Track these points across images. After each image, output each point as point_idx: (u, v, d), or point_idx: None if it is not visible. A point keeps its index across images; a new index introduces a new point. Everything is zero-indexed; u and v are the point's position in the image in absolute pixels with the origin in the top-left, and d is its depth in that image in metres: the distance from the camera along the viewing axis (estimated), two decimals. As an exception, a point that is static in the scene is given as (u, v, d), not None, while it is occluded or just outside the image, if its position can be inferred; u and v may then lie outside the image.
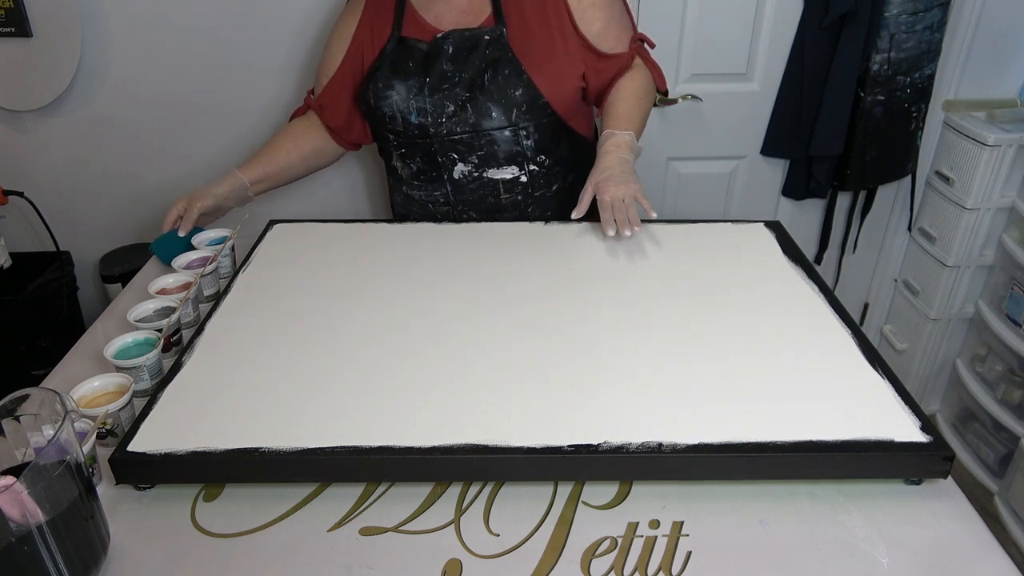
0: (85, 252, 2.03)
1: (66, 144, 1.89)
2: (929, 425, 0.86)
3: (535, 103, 1.32)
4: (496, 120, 1.32)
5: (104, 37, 1.77)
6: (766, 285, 1.15)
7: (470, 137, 1.33)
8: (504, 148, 1.35)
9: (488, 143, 1.34)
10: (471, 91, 1.31)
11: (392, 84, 1.33)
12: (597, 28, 1.32)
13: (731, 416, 0.87)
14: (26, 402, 0.76)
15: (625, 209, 1.20)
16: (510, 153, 1.35)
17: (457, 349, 1.00)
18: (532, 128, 1.34)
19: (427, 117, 1.32)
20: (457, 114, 1.32)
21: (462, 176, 1.37)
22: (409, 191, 1.45)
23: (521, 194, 1.40)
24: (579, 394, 0.91)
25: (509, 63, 1.29)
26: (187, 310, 1.16)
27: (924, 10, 1.75)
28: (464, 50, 1.30)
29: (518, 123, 1.33)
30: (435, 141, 1.34)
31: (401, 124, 1.35)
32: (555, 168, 1.41)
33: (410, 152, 1.39)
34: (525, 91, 1.30)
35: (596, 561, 0.78)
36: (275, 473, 0.85)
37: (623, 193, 1.21)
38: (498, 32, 1.29)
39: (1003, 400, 1.88)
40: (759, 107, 1.95)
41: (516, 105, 1.31)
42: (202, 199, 1.35)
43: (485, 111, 1.31)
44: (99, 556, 0.76)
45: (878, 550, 0.79)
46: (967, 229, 1.93)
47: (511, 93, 1.30)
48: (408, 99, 1.32)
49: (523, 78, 1.30)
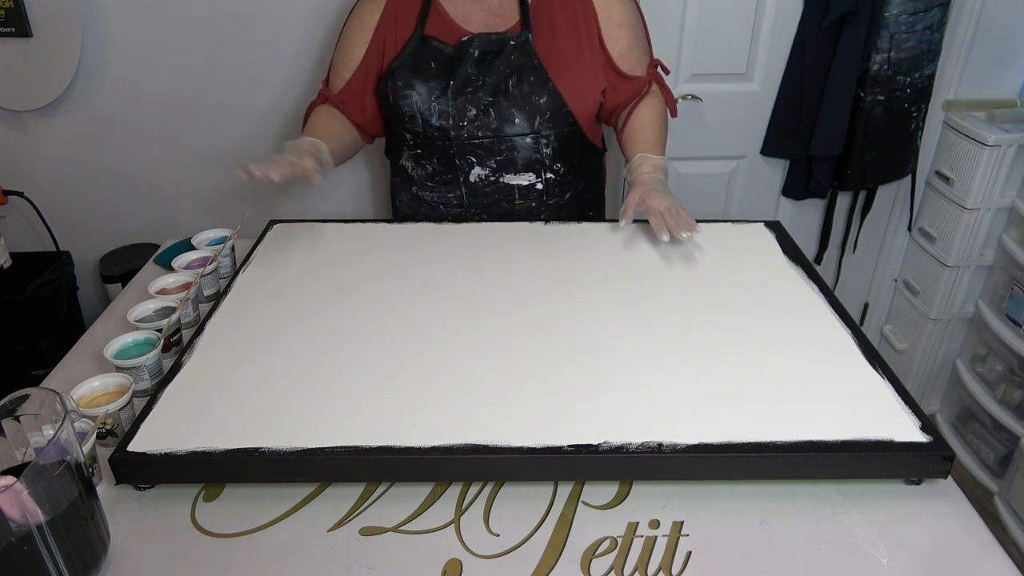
0: (85, 252, 2.03)
1: (66, 144, 1.89)
2: (929, 425, 0.86)
3: (559, 111, 1.32)
4: (519, 126, 1.32)
5: (104, 37, 1.77)
6: (766, 285, 1.15)
7: (491, 142, 1.33)
8: (523, 155, 1.35)
9: (508, 148, 1.34)
10: (494, 96, 1.30)
11: (412, 84, 1.31)
12: (621, 48, 1.33)
13: (731, 416, 0.87)
14: (26, 402, 0.76)
15: (676, 215, 1.22)
16: (529, 160, 1.35)
17: (457, 349, 1.00)
18: (553, 136, 1.34)
19: (448, 120, 1.31)
20: (479, 118, 1.31)
21: (478, 180, 1.37)
22: (420, 192, 1.43)
23: (535, 201, 1.40)
24: (579, 394, 0.91)
25: (535, 70, 1.29)
26: (187, 310, 1.16)
27: (924, 10, 1.75)
28: (489, 54, 1.29)
29: (540, 130, 1.33)
30: (455, 144, 1.33)
31: (421, 125, 1.33)
32: (569, 177, 1.41)
33: (427, 153, 1.38)
34: (550, 99, 1.30)
35: (596, 561, 0.78)
36: (275, 473, 0.85)
37: (669, 203, 1.24)
38: (524, 38, 1.28)
39: (1003, 400, 1.88)
40: (759, 107, 1.95)
41: (540, 112, 1.31)
42: (318, 153, 1.26)
43: (508, 117, 1.31)
44: (99, 556, 0.76)
45: (878, 550, 0.79)
46: (967, 229, 1.93)
47: (536, 100, 1.30)
48: (430, 100, 1.31)
49: (548, 86, 1.29)
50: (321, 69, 1.82)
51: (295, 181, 1.18)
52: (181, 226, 1.95)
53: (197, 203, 1.99)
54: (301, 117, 1.87)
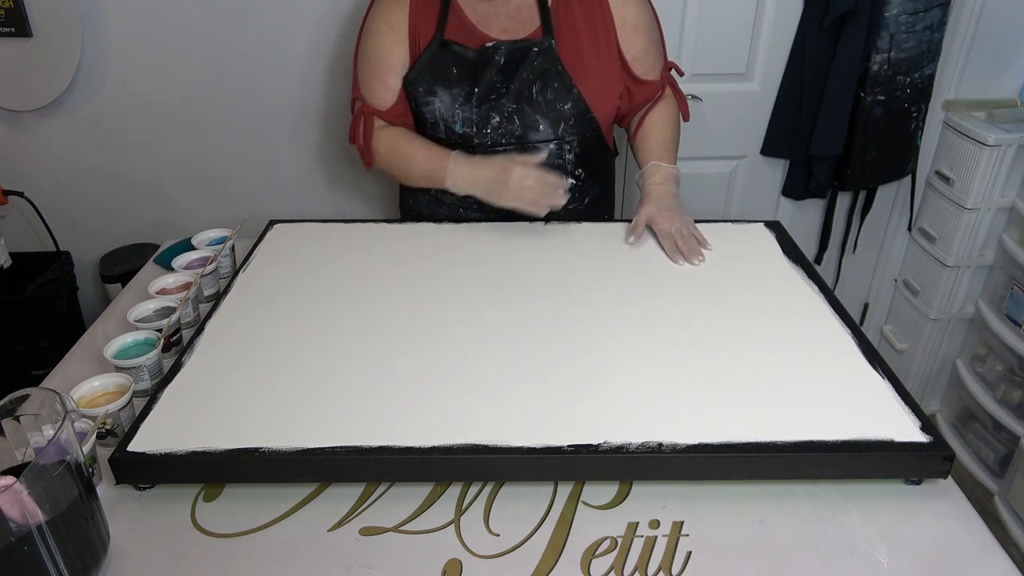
0: (85, 252, 2.03)
1: (66, 144, 1.89)
2: (929, 425, 0.86)
3: (583, 117, 1.31)
4: (543, 133, 1.31)
5: (104, 37, 1.77)
6: (766, 285, 1.15)
7: (514, 148, 1.32)
8: (546, 161, 1.33)
9: (531, 154, 1.32)
10: (518, 103, 1.28)
11: (435, 90, 1.29)
12: (636, 51, 1.32)
13: (731, 416, 0.87)
14: (26, 402, 0.76)
15: (686, 239, 1.24)
16: (552, 166, 1.34)
17: (457, 349, 1.00)
18: (576, 142, 1.34)
19: (472, 127, 1.29)
20: (503, 125, 1.30)
21: None
22: (439, 194, 1.40)
23: None
24: (579, 394, 0.91)
25: (559, 76, 1.27)
26: (187, 310, 1.16)
27: (924, 10, 1.75)
28: (514, 61, 1.27)
29: (564, 136, 1.32)
30: (478, 150, 1.32)
31: (444, 131, 1.32)
32: (588, 181, 1.41)
33: None
34: (574, 105, 1.29)
35: (596, 561, 0.78)
36: (275, 473, 0.85)
37: (680, 224, 1.25)
38: (547, 44, 1.26)
39: (1003, 400, 1.88)
40: (759, 107, 1.95)
41: (564, 119, 1.30)
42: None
43: (532, 124, 1.30)
44: (99, 556, 0.76)
45: (878, 550, 0.79)
46: (967, 229, 1.93)
47: (560, 107, 1.29)
48: (453, 108, 1.29)
49: (573, 92, 1.28)
50: (320, 67, 1.82)
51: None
52: (181, 226, 1.95)
53: (197, 203, 1.99)
54: (301, 117, 1.89)
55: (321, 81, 1.85)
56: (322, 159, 1.96)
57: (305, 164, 1.96)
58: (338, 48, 1.81)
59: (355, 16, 1.76)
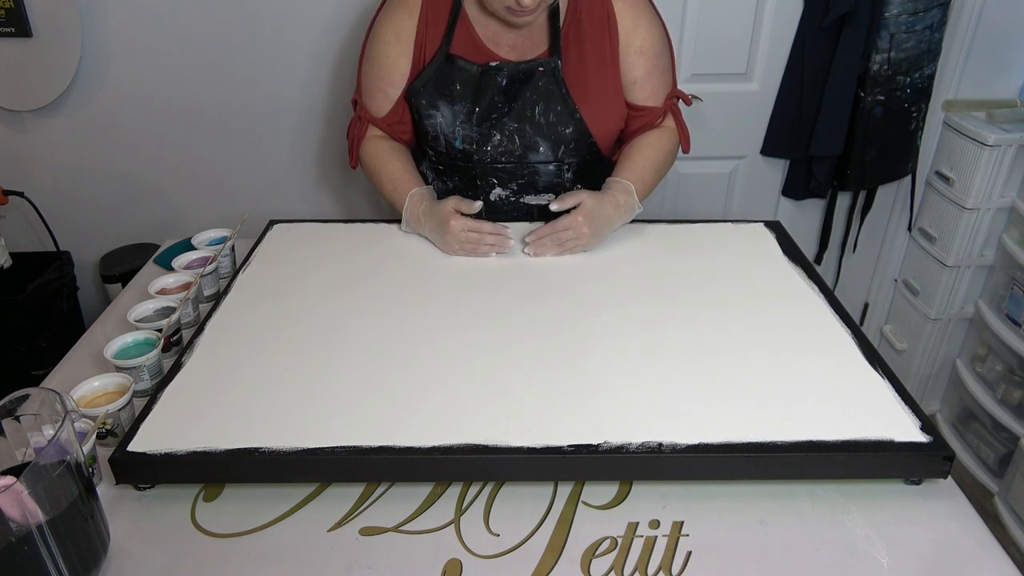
0: (85, 252, 2.03)
1: (66, 144, 1.89)
2: (929, 425, 0.86)
3: (584, 141, 1.30)
4: (543, 154, 1.30)
5: (104, 37, 1.77)
6: (766, 285, 1.15)
7: (514, 167, 1.31)
8: (545, 179, 1.34)
9: (530, 173, 1.33)
10: (519, 122, 1.27)
11: (437, 105, 1.28)
12: (635, 75, 1.29)
13: (731, 416, 0.87)
14: (26, 402, 0.76)
15: (556, 240, 1.22)
16: (550, 184, 1.35)
17: (457, 349, 1.00)
18: (576, 164, 1.33)
19: (472, 144, 1.29)
20: (503, 144, 1.29)
21: (499, 199, 1.36)
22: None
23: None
24: (579, 394, 0.91)
25: (562, 100, 1.26)
26: (187, 310, 1.16)
27: (924, 10, 1.75)
28: (517, 81, 1.26)
29: (563, 159, 1.31)
30: (477, 166, 1.32)
31: (444, 145, 1.31)
32: None
33: (448, 171, 1.37)
34: (576, 129, 1.28)
35: (596, 561, 0.78)
36: (275, 473, 0.85)
37: (575, 234, 1.21)
38: (553, 64, 1.25)
39: (1003, 400, 1.88)
40: (759, 107, 1.95)
41: (565, 142, 1.29)
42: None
43: (533, 144, 1.29)
44: (99, 556, 0.76)
45: (878, 550, 0.79)
46: (967, 229, 1.93)
47: (561, 130, 1.28)
48: (454, 124, 1.28)
49: (575, 116, 1.27)
50: (321, 68, 1.82)
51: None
52: (181, 226, 1.95)
53: (197, 203, 1.99)
54: (300, 116, 1.89)
55: (322, 81, 1.85)
56: (323, 159, 1.96)
57: (305, 164, 1.96)
58: (340, 48, 1.81)
59: (359, 17, 1.77)
